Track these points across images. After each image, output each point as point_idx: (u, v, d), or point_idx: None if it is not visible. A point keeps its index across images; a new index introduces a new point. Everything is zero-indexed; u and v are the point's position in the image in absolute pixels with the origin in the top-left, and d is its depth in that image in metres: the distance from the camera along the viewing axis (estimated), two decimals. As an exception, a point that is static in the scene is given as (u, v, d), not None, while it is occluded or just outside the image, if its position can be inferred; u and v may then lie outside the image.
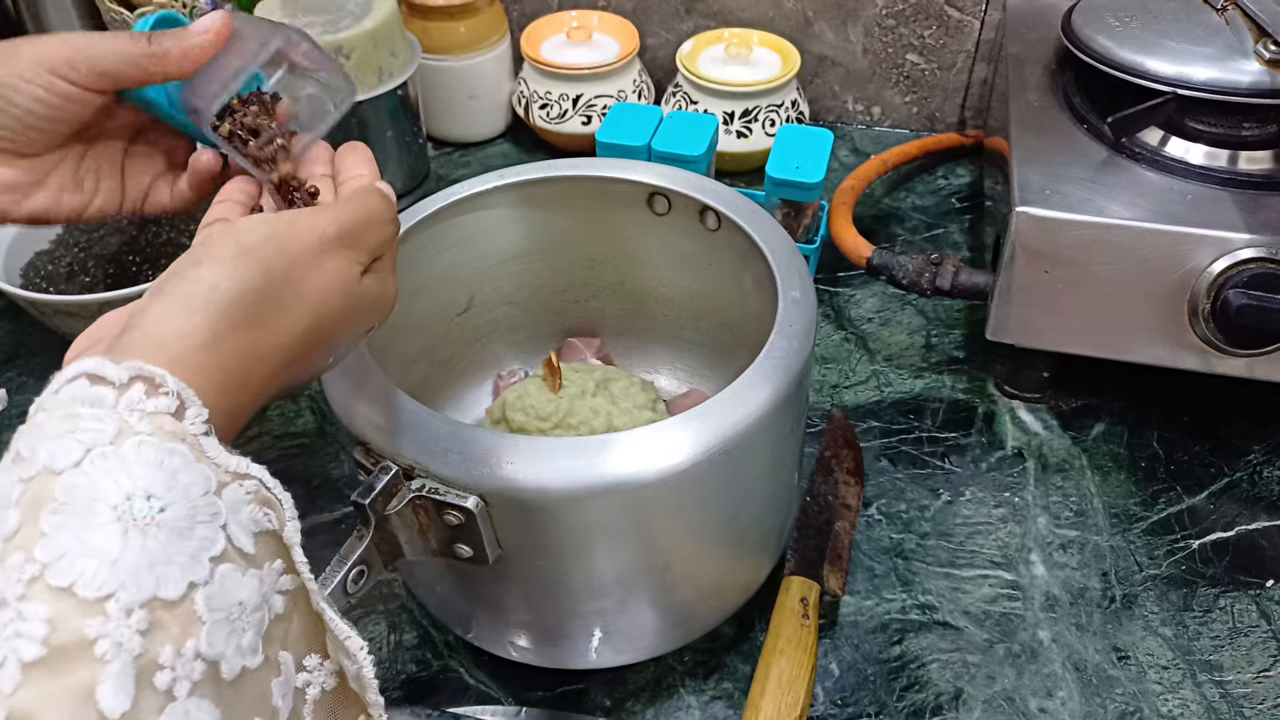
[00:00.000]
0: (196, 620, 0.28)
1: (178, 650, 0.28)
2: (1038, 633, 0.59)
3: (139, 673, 0.27)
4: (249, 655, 0.30)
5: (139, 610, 0.27)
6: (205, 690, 0.28)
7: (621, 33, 0.95)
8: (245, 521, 0.32)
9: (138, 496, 0.29)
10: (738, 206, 0.57)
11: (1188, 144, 0.67)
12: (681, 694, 0.56)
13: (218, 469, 0.31)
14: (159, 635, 0.27)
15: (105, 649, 0.26)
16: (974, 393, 0.73)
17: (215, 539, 0.30)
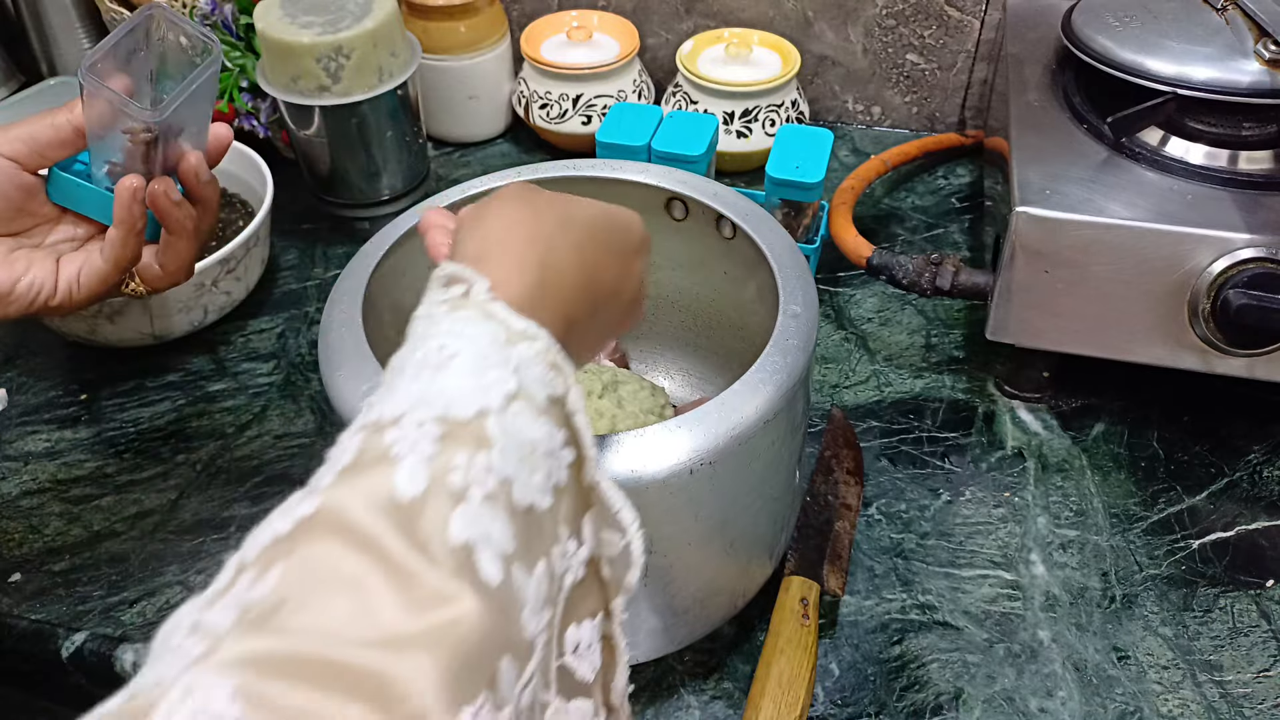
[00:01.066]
0: (487, 439, 0.30)
1: (470, 458, 0.29)
2: (1038, 633, 0.59)
3: (432, 471, 0.28)
4: (538, 494, 0.31)
5: (430, 423, 0.29)
6: (500, 506, 0.29)
7: (621, 33, 0.95)
8: (538, 376, 0.33)
9: (433, 349, 0.32)
10: (750, 216, 0.57)
11: (1188, 144, 0.67)
12: (681, 694, 0.57)
13: (507, 327, 0.33)
14: (450, 443, 0.29)
15: (399, 449, 0.28)
16: (974, 393, 0.73)
17: (507, 379, 0.32)
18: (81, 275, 0.50)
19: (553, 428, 0.32)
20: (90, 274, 0.50)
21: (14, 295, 0.49)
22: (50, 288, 0.50)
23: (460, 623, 0.26)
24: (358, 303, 0.52)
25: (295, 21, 0.80)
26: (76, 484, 0.69)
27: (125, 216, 0.49)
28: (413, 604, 0.25)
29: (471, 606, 0.26)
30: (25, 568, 0.64)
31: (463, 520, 0.28)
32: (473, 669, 0.26)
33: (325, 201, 0.91)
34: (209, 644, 0.24)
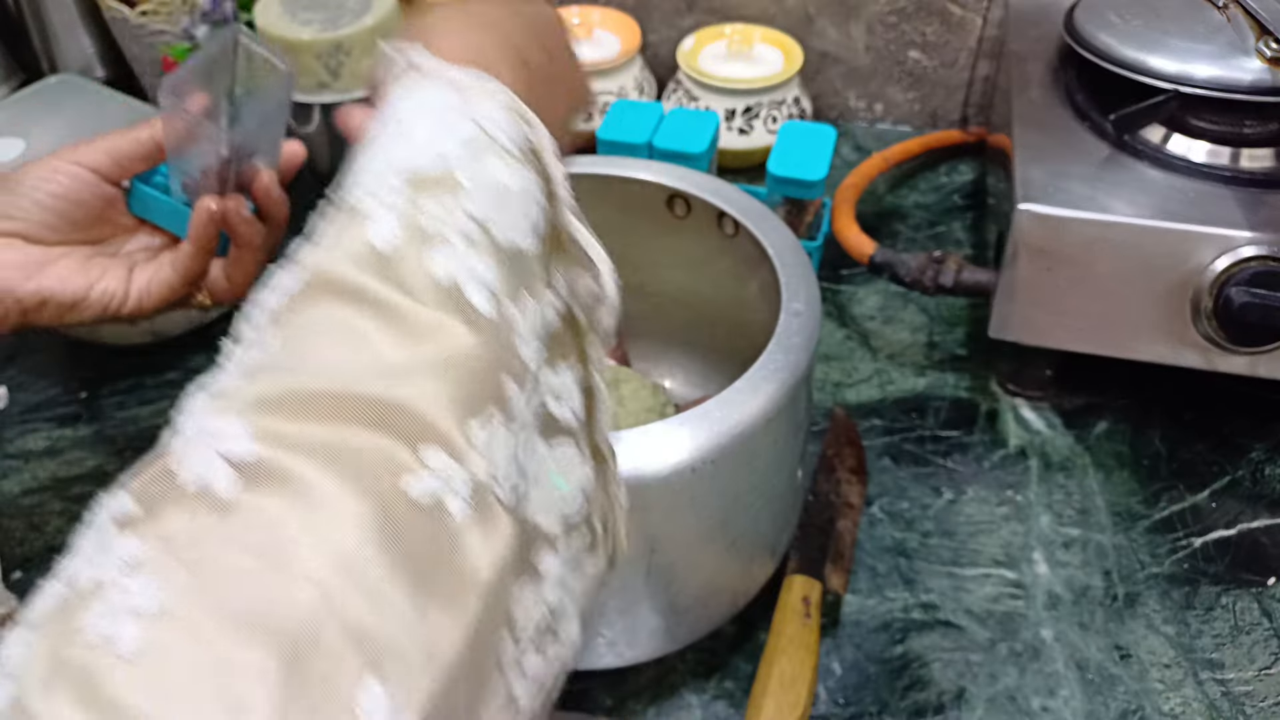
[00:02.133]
0: (458, 185, 0.30)
1: (442, 204, 0.29)
2: (1040, 631, 0.59)
3: (406, 221, 0.29)
4: (521, 235, 0.31)
5: (397, 180, 0.30)
6: (482, 246, 0.29)
7: (623, 29, 0.95)
8: (500, 123, 0.32)
9: (386, 124, 0.32)
10: (752, 213, 0.57)
11: (1190, 141, 0.66)
12: (683, 693, 0.56)
13: (451, 80, 0.33)
14: (420, 194, 0.29)
15: (369, 206, 0.29)
16: (976, 391, 0.73)
17: (461, 125, 0.31)
18: (151, 285, 0.52)
19: (525, 171, 0.32)
20: (160, 285, 0.52)
21: (88, 302, 0.51)
22: (122, 296, 0.52)
23: (458, 349, 0.27)
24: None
25: (295, 19, 0.80)
26: (77, 482, 0.69)
27: (200, 235, 0.51)
28: (409, 339, 0.27)
29: (465, 334, 0.27)
30: (26, 565, 0.64)
31: (445, 260, 0.28)
32: (477, 387, 0.27)
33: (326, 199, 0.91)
34: (221, 401, 0.26)
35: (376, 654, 0.22)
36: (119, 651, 0.20)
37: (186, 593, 0.21)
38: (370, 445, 0.25)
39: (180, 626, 0.21)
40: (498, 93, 0.33)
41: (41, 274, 0.50)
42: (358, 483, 0.24)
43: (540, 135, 0.34)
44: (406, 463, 0.25)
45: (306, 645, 0.21)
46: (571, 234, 0.34)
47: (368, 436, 0.25)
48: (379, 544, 0.23)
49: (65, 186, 0.50)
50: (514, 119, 0.33)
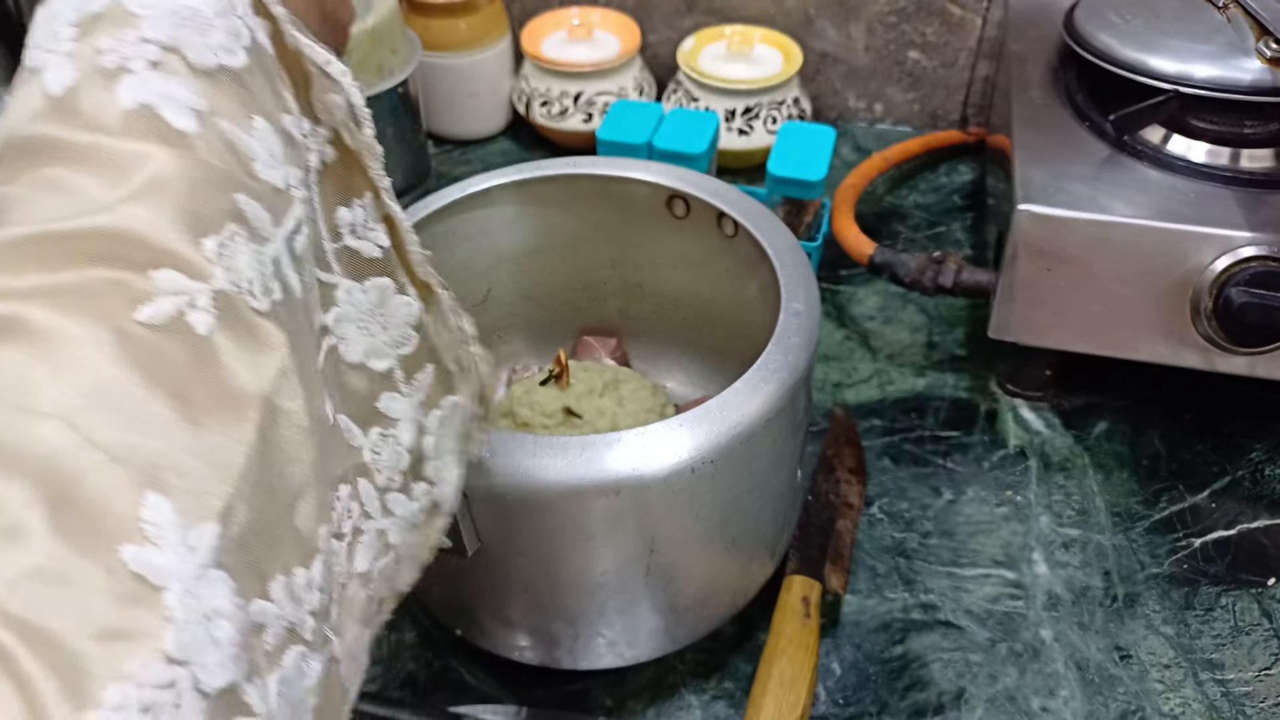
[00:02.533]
0: (130, 16, 0.27)
1: (115, 38, 0.26)
2: (1040, 632, 0.59)
3: (79, 63, 0.26)
4: (224, 53, 0.28)
5: (62, 25, 0.27)
6: (172, 70, 0.27)
7: (622, 30, 0.95)
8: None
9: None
10: (752, 214, 0.57)
11: (1190, 142, 0.66)
12: (683, 693, 0.56)
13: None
14: (88, 33, 0.26)
15: (36, 58, 0.26)
16: (976, 391, 0.73)
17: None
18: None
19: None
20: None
21: None
22: None
23: (166, 170, 0.25)
24: (358, 301, 0.52)
25: (295, 19, 0.80)
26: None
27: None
28: (113, 172, 0.25)
29: (171, 156, 0.26)
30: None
31: (130, 89, 0.26)
32: (203, 205, 0.26)
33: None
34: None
35: (152, 470, 0.22)
36: None
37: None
38: (98, 279, 0.24)
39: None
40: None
41: None
42: (94, 317, 0.23)
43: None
44: (140, 288, 0.24)
45: (69, 472, 0.21)
46: (299, 50, 0.31)
47: (94, 273, 0.24)
48: (128, 368, 0.23)
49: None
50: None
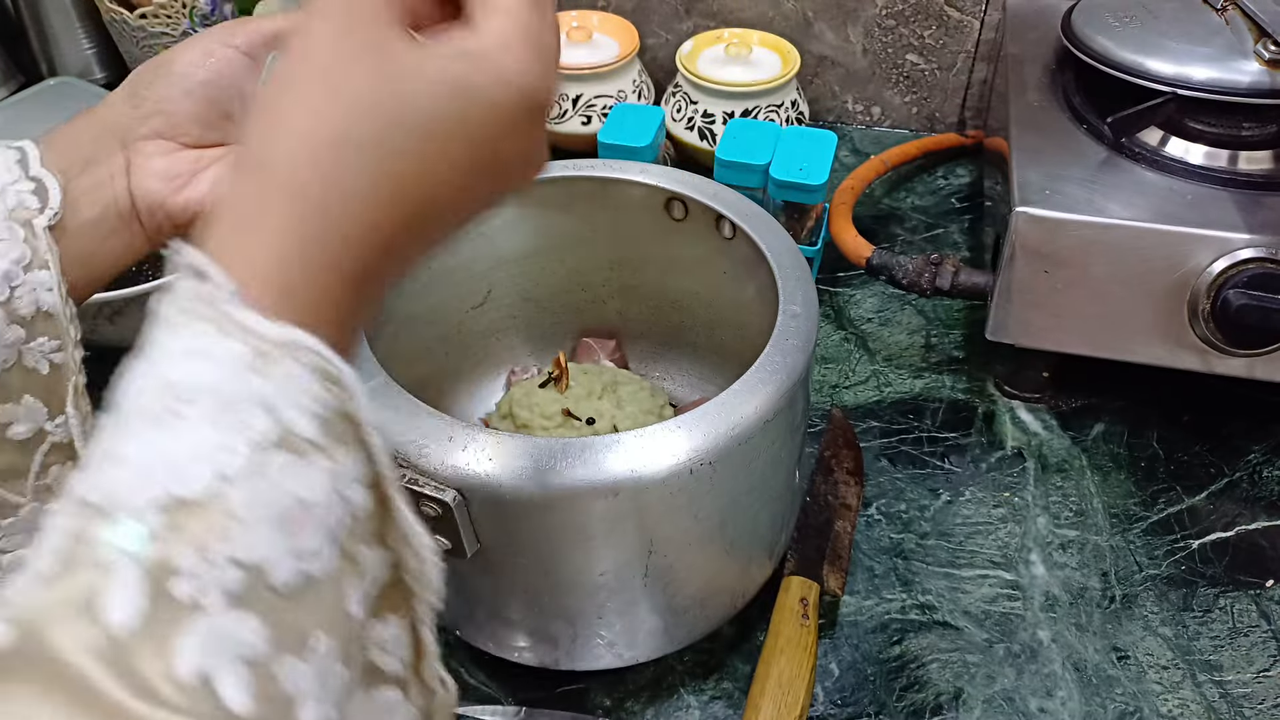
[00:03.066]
0: (230, 516, 0.24)
1: (202, 554, 0.23)
2: (1037, 633, 0.59)
3: (152, 582, 0.22)
4: (310, 559, 0.25)
5: (150, 512, 0.23)
6: (248, 602, 0.23)
7: (621, 33, 0.95)
8: (304, 401, 0.26)
9: (154, 390, 0.25)
10: (750, 216, 0.57)
11: (1187, 144, 0.67)
12: (681, 694, 0.57)
13: (256, 339, 0.25)
14: (178, 537, 0.23)
15: (107, 554, 0.23)
16: (974, 393, 0.73)
17: (253, 421, 0.25)
18: None
19: (329, 463, 0.26)
20: None
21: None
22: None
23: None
24: (357, 303, 0.52)
25: (295, 21, 0.80)
26: (76, 484, 0.69)
27: None
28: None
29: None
30: (25, 568, 0.64)
31: (194, 644, 0.22)
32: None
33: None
34: None
35: None
36: None
37: None
38: None
39: None
40: (304, 354, 0.26)
41: (191, 183, 0.44)
42: None
43: (356, 402, 0.27)
44: None
45: None
46: (397, 518, 0.29)
47: None
48: None
49: (219, 73, 0.44)
50: (323, 386, 0.26)
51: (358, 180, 0.27)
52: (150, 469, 0.24)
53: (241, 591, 0.23)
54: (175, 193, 0.44)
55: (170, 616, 0.22)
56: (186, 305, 0.26)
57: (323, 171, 0.27)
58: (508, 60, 0.29)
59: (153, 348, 0.26)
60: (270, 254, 0.26)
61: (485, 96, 0.29)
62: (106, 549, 0.23)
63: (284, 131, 0.27)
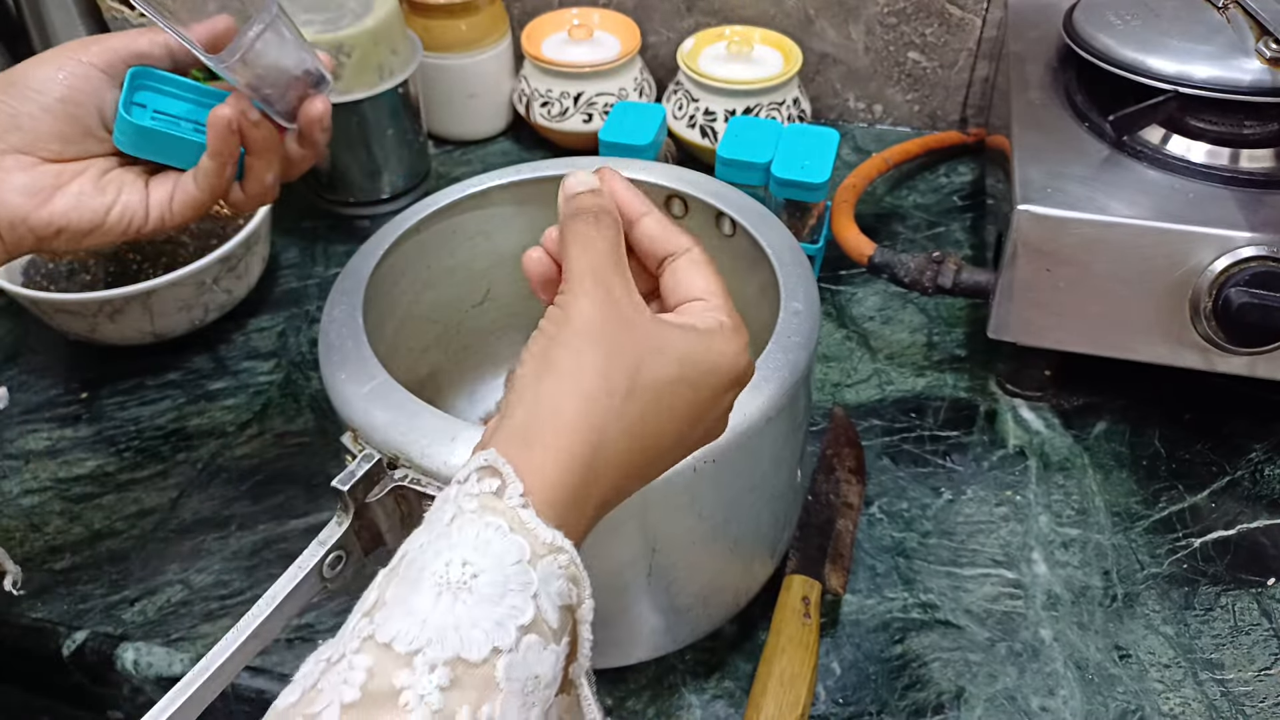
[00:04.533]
0: (495, 686, 0.29)
1: (474, 713, 0.28)
2: (1039, 631, 0.59)
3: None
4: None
5: (442, 667, 0.28)
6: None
7: (622, 30, 0.95)
8: (554, 594, 0.31)
9: (455, 563, 0.30)
10: (751, 213, 0.57)
11: (1189, 142, 0.66)
12: (683, 692, 0.56)
13: (534, 540, 0.31)
14: (457, 694, 0.28)
15: (408, 699, 0.28)
16: (975, 391, 0.73)
17: (525, 608, 0.30)
18: (175, 202, 0.49)
19: (558, 649, 0.31)
20: (184, 201, 0.49)
21: (106, 226, 0.47)
22: (142, 214, 0.48)
23: None
24: (358, 302, 0.52)
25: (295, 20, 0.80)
26: (77, 483, 0.69)
27: (221, 146, 0.47)
28: None
29: None
30: (26, 566, 0.64)
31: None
32: None
33: (326, 200, 0.91)
34: None
35: None
36: None
37: None
38: None
39: None
40: (563, 556, 0.32)
41: (55, 197, 0.46)
42: None
43: (585, 603, 0.33)
44: None
45: None
46: (580, 701, 0.34)
47: None
48: None
49: (74, 88, 0.46)
50: (567, 586, 0.32)
51: (619, 423, 0.34)
52: (444, 631, 0.29)
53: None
54: (38, 208, 0.45)
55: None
56: (485, 501, 0.32)
57: (596, 417, 0.34)
58: (722, 345, 0.37)
59: (451, 514, 0.32)
60: (551, 473, 0.32)
61: (709, 369, 0.36)
62: (407, 693, 0.28)
63: (570, 381, 0.34)
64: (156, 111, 0.50)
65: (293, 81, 0.50)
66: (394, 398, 0.46)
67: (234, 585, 0.62)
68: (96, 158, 0.48)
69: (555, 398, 0.34)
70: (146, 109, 0.49)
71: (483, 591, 0.30)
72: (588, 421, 0.33)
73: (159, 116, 0.50)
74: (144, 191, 0.48)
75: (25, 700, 0.67)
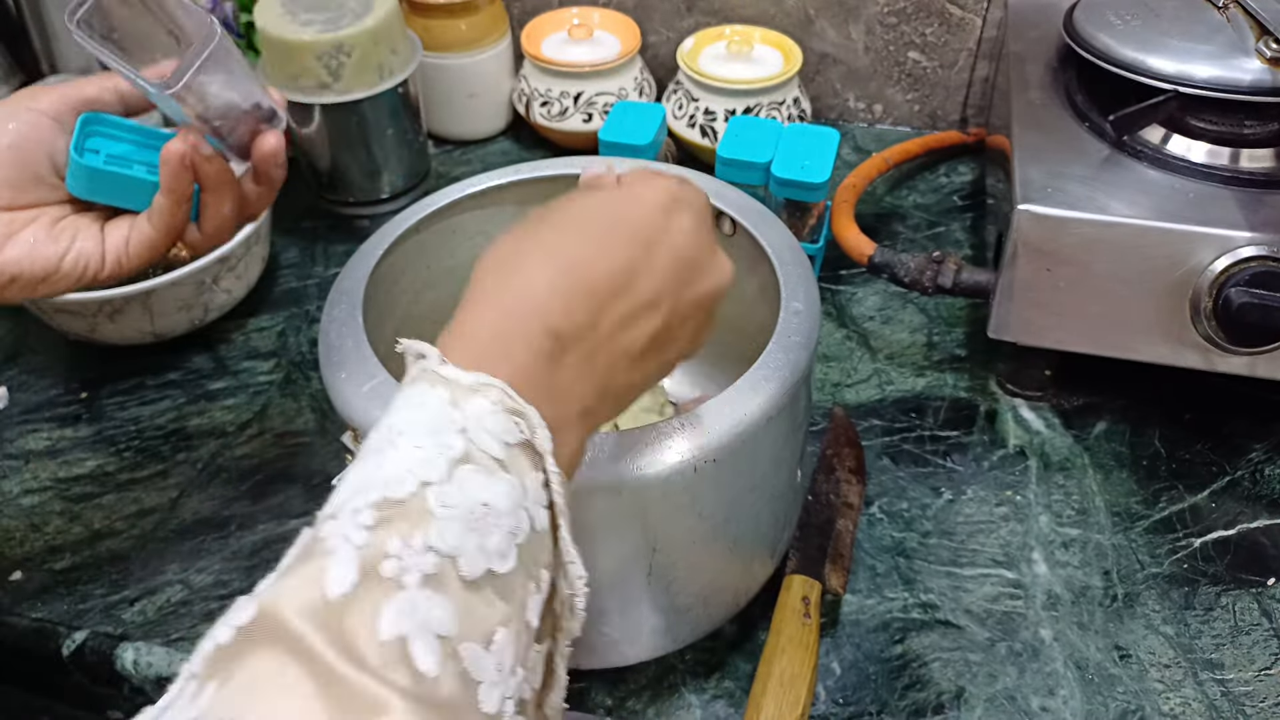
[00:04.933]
0: (429, 515, 0.29)
1: (405, 541, 0.28)
2: (1039, 631, 0.59)
3: (364, 561, 0.28)
4: (495, 558, 0.30)
5: (367, 510, 0.29)
6: (441, 585, 0.28)
7: (622, 30, 0.95)
8: (493, 429, 0.31)
9: (381, 432, 0.32)
10: (751, 213, 0.57)
11: (1189, 142, 0.66)
12: (683, 693, 0.56)
13: (455, 386, 0.32)
14: (385, 528, 0.28)
15: (333, 542, 0.28)
16: (976, 391, 0.73)
17: (453, 443, 0.30)
18: (131, 244, 0.48)
19: (514, 479, 0.31)
20: (140, 242, 0.48)
21: (61, 273, 0.47)
22: (97, 260, 0.47)
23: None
24: (358, 301, 0.52)
25: (296, 19, 0.80)
26: (77, 482, 0.69)
27: (175, 183, 0.47)
28: (342, 712, 0.25)
29: (400, 710, 0.26)
30: (26, 566, 0.64)
31: (394, 612, 0.27)
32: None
33: (325, 199, 0.91)
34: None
35: None
36: None
37: None
38: None
39: None
40: (492, 392, 0.32)
41: (6, 246, 0.45)
42: None
43: (539, 435, 0.32)
44: None
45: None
46: (560, 546, 0.34)
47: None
48: None
49: (24, 136, 0.46)
50: (507, 421, 0.32)
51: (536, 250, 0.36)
52: (369, 481, 0.30)
53: (437, 575, 0.28)
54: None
55: (377, 590, 0.27)
56: (410, 376, 0.33)
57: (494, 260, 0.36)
58: (632, 178, 0.40)
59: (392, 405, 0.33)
60: (469, 325, 0.34)
61: (626, 196, 0.39)
62: (332, 539, 0.28)
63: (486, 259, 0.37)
64: (110, 155, 0.49)
65: (243, 115, 0.49)
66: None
67: (234, 585, 0.62)
68: (49, 205, 0.48)
69: (495, 260, 0.37)
70: (100, 154, 0.49)
71: (407, 444, 0.31)
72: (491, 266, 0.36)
73: (112, 160, 0.49)
74: (99, 237, 0.48)
75: (25, 700, 0.67)
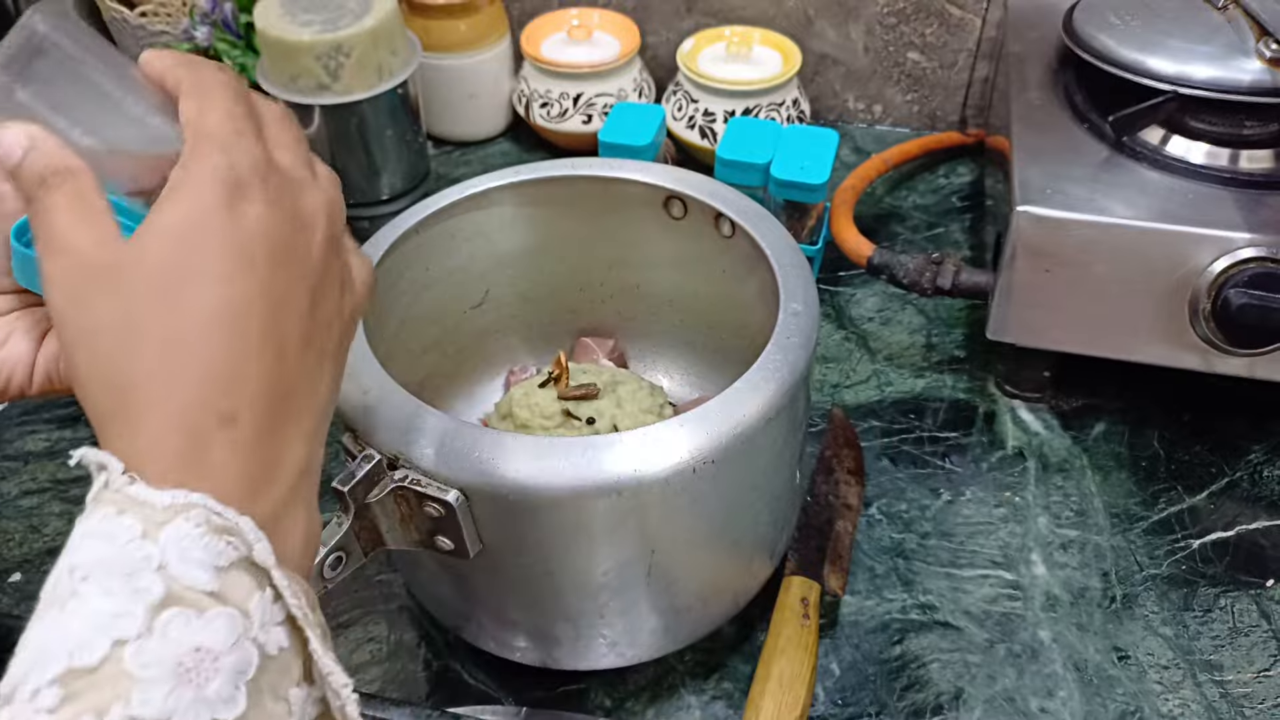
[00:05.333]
0: (125, 679, 0.25)
1: (101, 716, 0.25)
2: (1038, 633, 0.59)
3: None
4: (220, 706, 0.27)
5: (47, 688, 0.25)
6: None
7: (622, 31, 0.95)
8: (200, 557, 0.28)
9: (61, 575, 0.27)
10: (750, 214, 0.57)
11: (1189, 143, 0.66)
12: (682, 694, 0.56)
13: (148, 510, 0.28)
14: (74, 707, 0.25)
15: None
16: (975, 392, 0.73)
17: (151, 586, 0.27)
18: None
19: (232, 610, 0.28)
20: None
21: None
22: (25, 372, 0.40)
23: None
24: (358, 302, 0.52)
25: (295, 20, 0.80)
26: (76, 483, 0.69)
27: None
28: None
29: None
30: (25, 567, 0.64)
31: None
32: None
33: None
34: None
35: None
36: None
37: None
38: None
39: None
40: (195, 512, 0.28)
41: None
42: None
43: (258, 549, 0.29)
44: None
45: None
46: (314, 659, 0.30)
47: None
48: None
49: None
50: (217, 543, 0.28)
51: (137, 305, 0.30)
52: (49, 648, 0.26)
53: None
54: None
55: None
56: (93, 495, 0.28)
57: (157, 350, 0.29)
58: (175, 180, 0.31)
59: (67, 545, 0.28)
60: (152, 428, 0.29)
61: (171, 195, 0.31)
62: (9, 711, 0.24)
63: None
64: None
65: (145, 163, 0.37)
66: (394, 398, 0.46)
67: (233, 586, 0.62)
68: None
69: (124, 336, 0.30)
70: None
71: (94, 592, 0.26)
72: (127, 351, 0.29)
73: None
74: (34, 345, 0.40)
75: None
